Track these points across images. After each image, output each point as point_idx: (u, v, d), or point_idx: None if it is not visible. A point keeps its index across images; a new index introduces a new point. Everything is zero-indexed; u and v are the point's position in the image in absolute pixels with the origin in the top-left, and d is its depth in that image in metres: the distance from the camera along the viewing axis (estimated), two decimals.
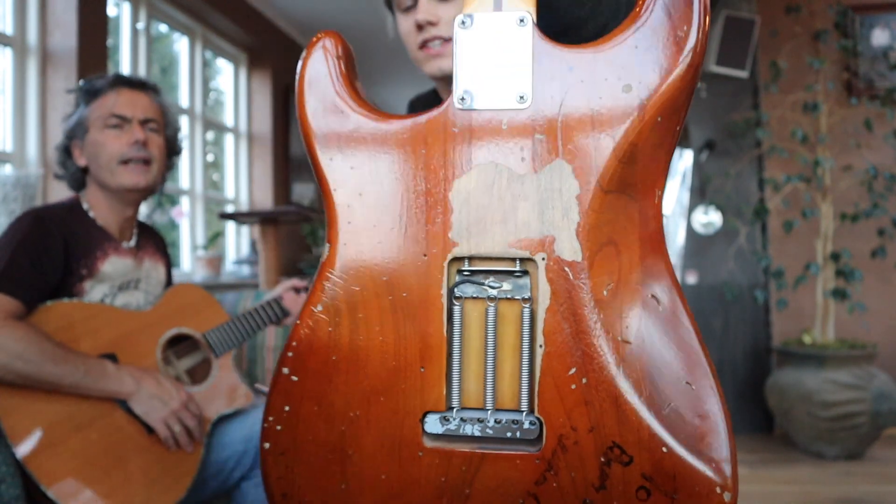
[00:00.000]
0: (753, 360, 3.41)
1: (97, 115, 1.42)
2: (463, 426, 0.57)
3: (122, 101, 1.43)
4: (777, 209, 3.17)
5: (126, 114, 1.42)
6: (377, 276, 0.60)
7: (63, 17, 2.64)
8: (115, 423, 1.27)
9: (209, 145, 4.06)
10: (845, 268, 2.98)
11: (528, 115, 0.57)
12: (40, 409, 1.21)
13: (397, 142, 0.63)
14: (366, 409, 0.58)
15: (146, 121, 1.45)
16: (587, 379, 0.53)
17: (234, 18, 3.89)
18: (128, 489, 1.23)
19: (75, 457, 1.20)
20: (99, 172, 1.42)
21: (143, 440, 1.29)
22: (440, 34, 1.04)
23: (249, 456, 1.43)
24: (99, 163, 1.41)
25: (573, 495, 0.51)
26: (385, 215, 0.62)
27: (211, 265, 3.36)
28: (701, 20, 0.55)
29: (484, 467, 0.56)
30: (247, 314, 1.57)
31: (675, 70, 0.54)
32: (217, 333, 1.51)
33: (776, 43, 3.29)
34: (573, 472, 0.52)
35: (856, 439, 2.83)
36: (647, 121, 0.54)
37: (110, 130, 1.41)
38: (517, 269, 0.59)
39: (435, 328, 0.58)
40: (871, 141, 3.13)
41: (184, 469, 1.32)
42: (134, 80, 1.47)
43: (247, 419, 1.47)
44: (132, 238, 1.52)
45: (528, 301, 0.58)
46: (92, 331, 1.32)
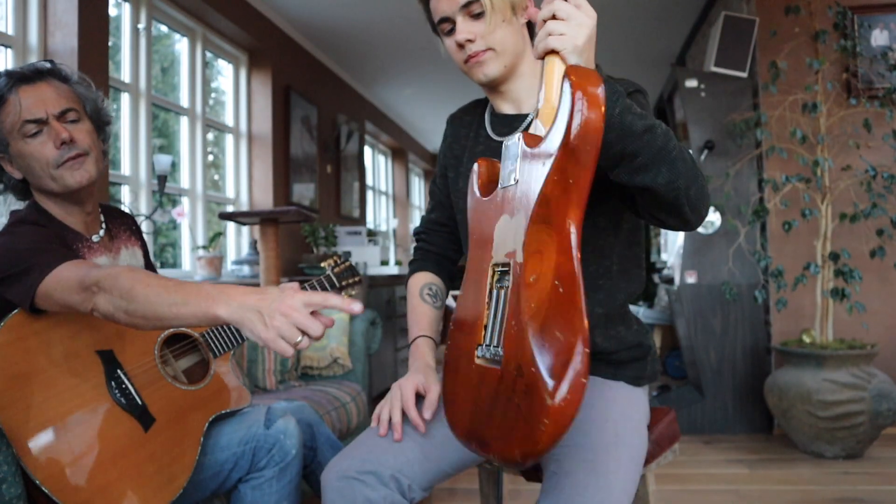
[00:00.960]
0: (753, 360, 3.42)
1: (10, 126, 1.32)
2: (485, 352, 1.02)
3: (28, 102, 1.32)
4: (776, 209, 3.17)
5: (38, 115, 1.32)
6: (471, 275, 1.11)
7: (64, 18, 2.65)
8: (112, 418, 1.28)
9: (209, 145, 4.06)
10: (844, 268, 2.98)
11: (515, 188, 1.01)
12: (38, 404, 1.22)
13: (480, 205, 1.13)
14: (467, 346, 1.06)
15: (62, 113, 1.35)
16: (516, 324, 0.95)
17: (235, 19, 3.90)
18: (122, 485, 1.23)
19: (70, 451, 1.21)
20: (39, 182, 1.36)
21: (140, 436, 1.30)
22: (478, 48, 1.23)
23: (247, 458, 1.42)
24: (35, 174, 1.34)
25: (510, 386, 0.94)
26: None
27: (211, 265, 3.37)
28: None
29: (486, 374, 1.00)
30: None
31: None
32: (215, 334, 1.51)
33: (775, 43, 3.29)
34: (509, 373, 0.95)
35: (855, 439, 2.83)
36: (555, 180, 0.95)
37: (31, 139, 1.32)
38: (506, 268, 1.00)
39: (483, 302, 1.04)
40: (870, 141, 3.13)
41: (179, 467, 1.32)
42: (29, 73, 1.35)
43: (244, 421, 1.47)
44: (100, 229, 1.47)
45: (505, 287, 0.99)
46: (92, 326, 1.32)
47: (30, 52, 2.61)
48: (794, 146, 3.11)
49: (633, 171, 1.01)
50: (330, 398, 2.31)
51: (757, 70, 3.42)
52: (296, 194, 4.62)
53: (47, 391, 1.23)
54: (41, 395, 1.22)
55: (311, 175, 4.89)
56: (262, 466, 1.42)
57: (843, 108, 3.16)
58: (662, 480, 2.64)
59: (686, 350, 3.53)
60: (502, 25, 1.22)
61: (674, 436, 1.40)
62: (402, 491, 1.14)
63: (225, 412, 1.46)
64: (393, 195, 7.88)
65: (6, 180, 1.40)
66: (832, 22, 3.21)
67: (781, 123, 3.15)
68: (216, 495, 1.48)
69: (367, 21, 4.60)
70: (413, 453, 1.17)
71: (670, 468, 2.75)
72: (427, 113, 7.28)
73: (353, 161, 5.87)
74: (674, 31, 4.90)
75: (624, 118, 0.98)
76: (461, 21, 1.22)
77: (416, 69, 5.64)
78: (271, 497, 1.42)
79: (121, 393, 1.30)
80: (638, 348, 1.29)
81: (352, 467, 1.12)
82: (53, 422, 1.22)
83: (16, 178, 1.39)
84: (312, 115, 4.94)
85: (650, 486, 1.39)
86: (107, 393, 1.29)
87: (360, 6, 4.33)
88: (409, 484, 1.15)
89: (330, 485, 1.13)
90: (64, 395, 1.24)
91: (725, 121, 3.41)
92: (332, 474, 1.14)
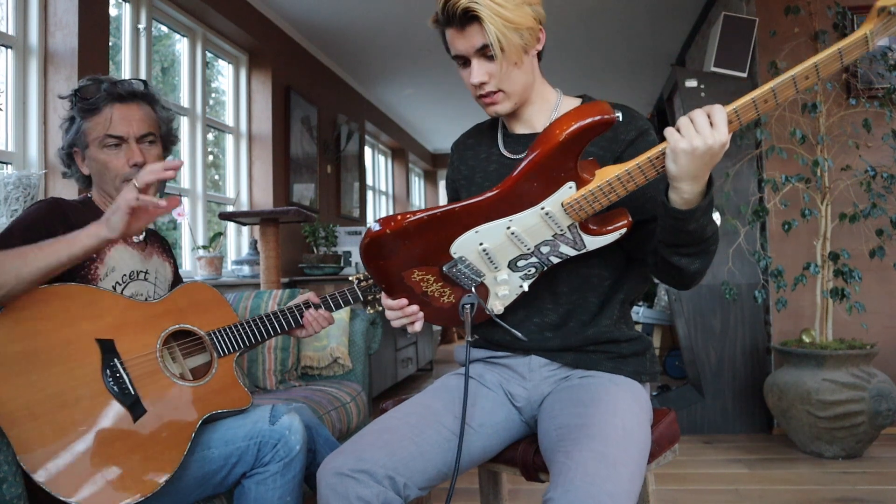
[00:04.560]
0: (752, 360, 3.42)
1: (95, 135, 1.47)
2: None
3: (117, 119, 1.47)
4: (776, 209, 3.17)
5: (122, 133, 1.47)
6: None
7: (64, 18, 2.65)
8: (102, 407, 1.29)
9: (209, 145, 4.07)
10: (844, 268, 2.99)
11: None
12: (26, 387, 1.24)
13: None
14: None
15: (142, 137, 1.50)
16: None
17: (235, 19, 3.90)
18: (104, 471, 1.24)
19: (57, 435, 1.23)
20: (104, 186, 1.51)
21: (128, 425, 1.31)
22: (490, 89, 1.28)
23: (252, 453, 1.43)
24: (103, 179, 1.50)
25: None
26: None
27: (211, 265, 3.37)
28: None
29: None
30: (257, 319, 1.57)
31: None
32: (222, 334, 1.52)
33: (775, 43, 3.29)
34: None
35: (854, 439, 2.83)
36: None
37: (109, 150, 1.47)
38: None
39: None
40: (869, 141, 3.13)
41: (166, 460, 1.33)
42: (125, 93, 1.50)
43: (249, 417, 1.48)
44: (141, 234, 1.59)
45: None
46: (93, 315, 1.34)
47: (30, 52, 2.62)
48: (793, 146, 3.11)
49: (678, 254, 1.17)
50: (330, 398, 2.32)
51: (757, 70, 3.42)
52: (296, 194, 4.62)
53: (39, 373, 1.25)
54: (33, 376, 1.25)
55: (311, 175, 4.89)
56: (267, 461, 1.43)
57: (842, 108, 3.16)
58: (662, 480, 2.64)
59: (686, 350, 3.54)
60: (513, 68, 1.26)
61: (674, 436, 1.41)
62: (398, 490, 1.14)
63: (221, 412, 1.47)
64: (393, 195, 7.88)
65: (74, 170, 1.55)
66: (832, 22, 3.21)
67: (781, 123, 3.15)
68: (219, 491, 1.48)
69: (367, 21, 4.60)
70: (408, 452, 1.18)
71: (670, 468, 2.76)
72: (427, 113, 7.27)
73: (353, 161, 5.87)
74: (674, 31, 4.91)
75: (705, 225, 1.12)
76: (476, 62, 1.26)
77: (416, 69, 5.64)
78: (275, 492, 1.43)
79: (114, 381, 1.32)
80: (638, 342, 1.34)
81: (346, 465, 1.13)
82: (42, 404, 1.24)
83: (83, 173, 1.53)
84: (312, 115, 4.94)
85: (650, 486, 1.39)
86: (100, 379, 1.31)
87: (360, 6, 4.33)
88: (405, 483, 1.15)
89: (324, 481, 1.13)
90: (56, 378, 1.27)
91: None
92: (326, 471, 1.14)
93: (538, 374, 1.34)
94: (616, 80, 6.05)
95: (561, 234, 1.15)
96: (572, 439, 1.11)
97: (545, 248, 1.18)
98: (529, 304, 1.32)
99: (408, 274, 1.22)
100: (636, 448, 1.13)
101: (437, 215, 1.15)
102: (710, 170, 1.07)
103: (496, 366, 1.40)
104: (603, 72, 5.80)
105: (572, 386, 1.29)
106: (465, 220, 1.15)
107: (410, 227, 1.16)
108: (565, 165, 1.08)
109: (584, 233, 1.15)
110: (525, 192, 1.11)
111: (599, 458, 1.05)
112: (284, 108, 4.54)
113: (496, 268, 1.21)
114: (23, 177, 2.27)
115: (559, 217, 1.13)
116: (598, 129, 1.05)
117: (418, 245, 1.18)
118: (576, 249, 1.18)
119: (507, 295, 1.25)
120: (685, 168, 1.05)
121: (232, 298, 2.56)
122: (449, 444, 1.24)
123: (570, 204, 1.11)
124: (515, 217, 1.14)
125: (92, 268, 1.42)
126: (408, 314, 1.27)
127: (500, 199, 1.13)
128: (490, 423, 1.31)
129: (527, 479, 1.33)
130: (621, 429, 1.13)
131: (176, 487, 1.36)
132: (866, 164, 3.06)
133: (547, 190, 1.10)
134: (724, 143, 1.04)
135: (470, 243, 1.18)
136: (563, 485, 1.03)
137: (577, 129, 1.04)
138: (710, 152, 1.04)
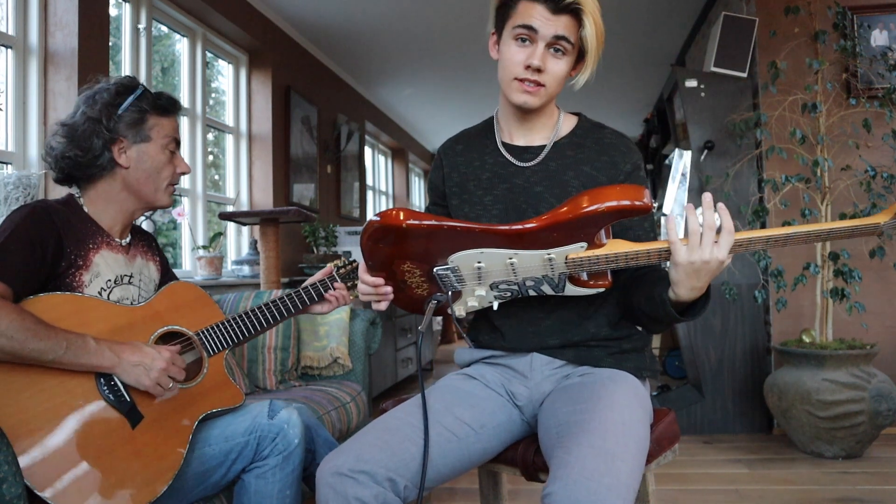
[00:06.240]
0: (752, 360, 3.42)
1: (162, 135, 1.51)
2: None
3: (175, 127, 1.56)
4: (776, 209, 3.17)
5: (176, 138, 1.56)
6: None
7: (64, 18, 2.65)
8: (99, 416, 1.29)
9: (209, 145, 4.07)
10: (844, 268, 2.99)
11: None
12: (25, 398, 1.23)
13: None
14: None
15: (178, 144, 1.58)
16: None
17: (235, 19, 3.90)
18: (107, 482, 1.24)
19: (56, 446, 1.22)
20: (140, 186, 1.50)
21: (127, 433, 1.31)
22: (540, 79, 1.28)
23: (251, 447, 1.44)
24: (149, 179, 1.51)
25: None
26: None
27: (211, 265, 3.37)
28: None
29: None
30: (242, 315, 1.57)
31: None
32: (210, 332, 1.52)
33: (775, 43, 3.29)
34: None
35: (854, 439, 2.83)
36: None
37: (168, 154, 1.53)
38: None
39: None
40: (869, 141, 3.13)
41: (166, 464, 1.33)
42: (179, 106, 1.58)
43: (248, 412, 1.48)
44: (126, 237, 1.55)
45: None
46: (82, 324, 1.33)
47: (30, 52, 2.62)
48: (793, 146, 3.11)
49: (649, 324, 1.30)
50: (330, 398, 2.32)
51: (757, 70, 3.42)
52: (296, 194, 4.62)
53: (35, 386, 1.25)
54: (29, 390, 1.24)
55: (311, 175, 4.89)
56: (266, 455, 1.44)
57: (842, 109, 3.16)
58: (662, 480, 2.64)
59: (686, 350, 3.54)
60: (566, 73, 1.31)
61: (674, 436, 1.41)
62: (398, 491, 1.14)
63: (216, 411, 1.47)
64: (393, 195, 7.89)
65: (101, 154, 1.44)
66: (832, 22, 3.21)
67: (781, 123, 3.15)
68: (219, 490, 1.48)
69: (367, 21, 4.60)
70: (409, 453, 1.17)
71: (670, 468, 2.76)
72: (427, 113, 7.27)
73: (353, 161, 5.87)
74: (674, 31, 4.91)
75: (701, 314, 1.21)
76: (542, 49, 1.26)
77: (416, 69, 5.64)
78: (275, 485, 1.44)
79: (109, 389, 1.32)
80: (638, 338, 1.37)
81: (345, 465, 1.13)
82: (40, 417, 1.23)
83: (118, 162, 1.46)
84: (312, 115, 4.94)
85: (650, 486, 1.39)
86: (95, 389, 1.31)
87: (360, 6, 4.33)
88: (406, 484, 1.15)
89: (323, 481, 1.13)
90: (52, 391, 1.26)
91: (725, 121, 3.41)
92: (326, 470, 1.14)
93: (539, 373, 1.34)
94: (616, 80, 6.05)
95: (549, 277, 1.21)
96: (571, 435, 1.11)
97: (529, 283, 1.23)
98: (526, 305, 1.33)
99: (399, 262, 1.25)
100: (635, 443, 1.13)
101: (456, 228, 1.18)
102: (709, 280, 1.12)
103: (497, 366, 1.40)
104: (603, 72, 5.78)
105: (573, 384, 1.29)
106: (478, 240, 1.19)
107: (427, 231, 1.19)
108: (589, 231, 1.14)
109: (569, 281, 1.22)
110: (542, 238, 1.16)
111: (598, 453, 1.06)
112: (284, 108, 4.54)
113: (479, 284, 1.25)
114: (23, 177, 2.27)
115: (558, 266, 1.18)
116: (631, 214, 1.09)
117: (424, 245, 1.21)
118: (554, 291, 1.24)
119: (474, 306, 1.30)
120: (682, 276, 1.12)
121: (232, 298, 2.56)
122: (450, 444, 1.24)
123: (573, 260, 1.16)
124: (521, 252, 1.18)
125: (77, 275, 1.39)
126: (381, 293, 1.29)
127: (519, 236, 1.16)
128: (491, 425, 1.31)
129: (527, 479, 1.33)
130: (620, 424, 1.13)
131: (177, 486, 1.37)
132: (866, 164, 3.06)
133: (560, 242, 1.15)
134: (722, 262, 1.10)
135: (470, 259, 1.21)
136: (561, 479, 1.03)
137: (615, 207, 1.09)
138: (707, 267, 1.10)
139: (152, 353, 1.34)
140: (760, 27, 3.39)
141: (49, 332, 1.25)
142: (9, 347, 1.20)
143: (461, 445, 1.26)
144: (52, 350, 1.23)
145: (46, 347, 1.23)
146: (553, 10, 1.24)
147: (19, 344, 1.20)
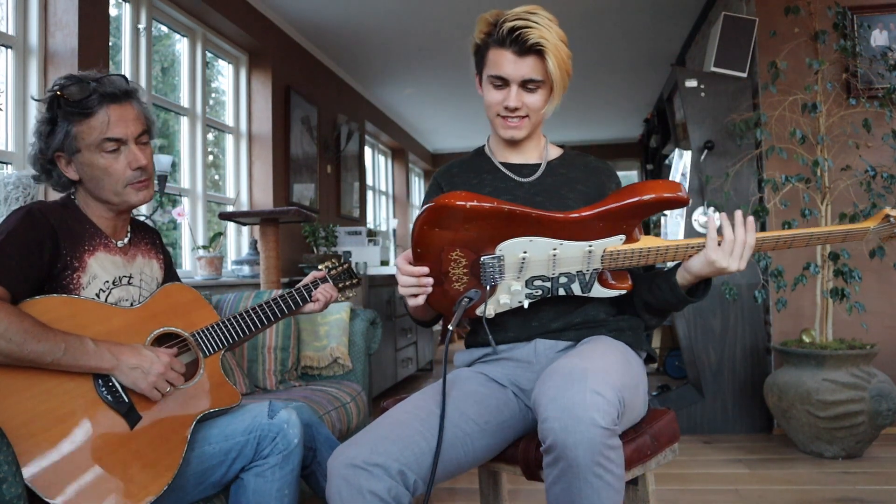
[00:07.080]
0: (752, 360, 3.42)
1: (90, 139, 1.39)
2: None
3: (114, 121, 1.40)
4: (776, 209, 3.17)
5: (121, 136, 1.40)
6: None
7: (64, 18, 2.65)
8: (97, 417, 1.29)
9: (209, 145, 4.07)
10: (844, 268, 2.98)
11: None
12: (24, 399, 1.23)
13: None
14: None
15: (139, 135, 1.44)
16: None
17: (235, 19, 3.90)
18: (106, 483, 1.24)
19: (54, 448, 1.22)
20: (99, 192, 1.44)
21: (125, 434, 1.31)
22: (521, 115, 1.40)
23: (251, 447, 1.44)
24: (101, 185, 1.42)
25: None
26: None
27: (211, 265, 3.37)
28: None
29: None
30: (237, 316, 1.58)
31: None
32: (206, 333, 1.52)
33: (775, 43, 3.29)
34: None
35: (854, 439, 2.83)
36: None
37: (108, 154, 1.40)
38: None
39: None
40: (869, 141, 3.13)
41: (164, 465, 1.33)
42: (119, 93, 1.42)
43: (248, 412, 1.48)
44: (125, 237, 1.54)
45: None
46: (78, 326, 1.33)
47: (30, 52, 2.61)
48: (793, 146, 3.11)
49: (651, 314, 1.43)
50: (330, 398, 2.32)
51: (757, 70, 3.42)
52: (296, 194, 4.62)
53: (34, 388, 1.25)
54: (28, 391, 1.24)
55: (311, 175, 4.89)
56: (266, 454, 1.44)
57: (842, 109, 3.15)
58: (662, 480, 2.64)
59: (686, 350, 3.54)
60: (545, 103, 1.40)
61: (673, 435, 1.41)
62: (408, 485, 1.15)
63: (213, 411, 1.47)
64: (393, 195, 7.89)
65: (56, 175, 1.44)
66: (832, 22, 3.21)
67: (781, 123, 3.15)
68: (219, 489, 1.48)
69: (367, 21, 4.60)
70: (419, 447, 1.18)
71: (670, 468, 2.76)
72: (427, 113, 7.27)
73: (353, 161, 5.87)
74: (674, 31, 4.91)
75: (704, 296, 1.35)
76: (516, 90, 1.37)
77: (416, 69, 5.64)
78: (274, 484, 1.44)
79: (107, 391, 1.32)
80: (635, 320, 1.43)
81: (359, 456, 1.13)
82: (39, 419, 1.23)
83: (68, 177, 1.44)
84: (312, 115, 4.94)
85: (650, 486, 1.39)
86: (93, 390, 1.31)
87: (360, 6, 4.33)
88: (416, 479, 1.16)
89: (336, 472, 1.14)
90: (51, 392, 1.26)
91: (725, 121, 3.41)
92: (339, 462, 1.14)
93: (544, 357, 1.38)
94: (616, 80, 6.05)
95: (583, 274, 1.26)
96: (554, 368, 1.16)
97: (563, 279, 1.27)
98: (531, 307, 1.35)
99: (449, 249, 1.25)
100: (618, 360, 1.21)
101: (515, 212, 1.21)
102: (716, 275, 1.28)
103: (500, 361, 1.40)
104: (603, 72, 5.80)
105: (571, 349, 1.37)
106: (531, 227, 1.22)
107: (484, 212, 1.21)
108: (631, 221, 1.22)
109: (598, 281, 1.28)
110: (590, 228, 1.22)
111: (579, 369, 1.11)
112: (284, 108, 4.54)
113: (518, 277, 1.27)
114: (23, 177, 2.27)
115: (595, 259, 1.24)
116: (672, 206, 1.20)
117: (477, 230, 1.22)
118: (583, 292, 1.30)
119: (506, 304, 1.31)
120: (702, 266, 1.26)
121: (232, 298, 2.56)
122: (458, 440, 1.25)
123: (611, 252, 1.23)
124: (566, 243, 1.23)
125: (74, 277, 1.38)
126: (423, 284, 1.28)
127: (572, 223, 1.22)
128: (496, 421, 1.32)
129: (527, 477, 1.33)
130: (602, 348, 1.24)
131: (176, 485, 1.37)
132: (866, 164, 3.05)
133: (603, 233, 1.22)
134: (738, 269, 1.25)
135: (517, 248, 1.24)
136: (547, 394, 1.08)
137: (664, 198, 1.19)
138: (725, 271, 1.25)
139: (151, 357, 1.34)
140: (760, 27, 3.39)
141: (48, 334, 1.24)
142: (8, 350, 1.20)
143: (466, 442, 1.27)
144: (50, 352, 1.23)
145: (45, 349, 1.23)
146: (518, 54, 1.34)
147: (18, 346, 1.20)
